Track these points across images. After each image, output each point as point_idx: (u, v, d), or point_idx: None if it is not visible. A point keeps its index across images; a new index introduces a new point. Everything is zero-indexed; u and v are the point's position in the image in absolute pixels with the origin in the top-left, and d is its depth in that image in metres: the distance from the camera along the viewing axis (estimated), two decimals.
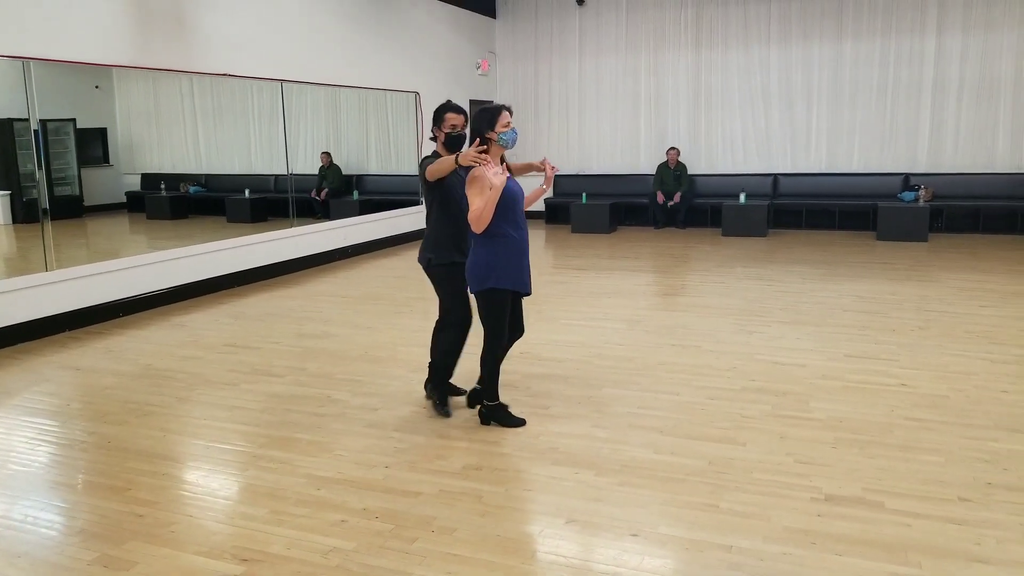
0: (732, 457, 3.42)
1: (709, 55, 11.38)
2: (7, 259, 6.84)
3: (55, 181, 7.94)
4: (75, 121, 7.93)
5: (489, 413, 3.84)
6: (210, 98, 9.00)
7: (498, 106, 3.59)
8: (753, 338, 5.33)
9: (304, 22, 8.40)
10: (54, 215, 7.93)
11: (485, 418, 3.85)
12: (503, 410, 3.85)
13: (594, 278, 7.66)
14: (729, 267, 8.11)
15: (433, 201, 3.83)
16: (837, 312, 6.00)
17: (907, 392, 4.20)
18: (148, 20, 6.50)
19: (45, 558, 2.77)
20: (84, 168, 8.15)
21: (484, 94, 12.19)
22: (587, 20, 11.97)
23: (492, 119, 3.53)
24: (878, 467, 3.29)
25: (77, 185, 8.13)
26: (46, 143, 7.75)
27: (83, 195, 8.18)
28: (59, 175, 8.05)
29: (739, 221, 10.37)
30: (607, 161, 12.18)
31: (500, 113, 3.55)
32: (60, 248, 7.35)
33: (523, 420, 3.85)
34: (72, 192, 8.14)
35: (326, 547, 2.77)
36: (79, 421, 4.09)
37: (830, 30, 10.74)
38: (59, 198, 8.07)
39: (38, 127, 5.92)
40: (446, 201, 3.80)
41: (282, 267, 8.25)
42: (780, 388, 4.30)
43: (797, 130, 11.12)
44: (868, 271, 7.70)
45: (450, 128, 3.78)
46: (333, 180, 9.63)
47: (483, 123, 3.54)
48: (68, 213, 8.11)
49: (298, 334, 5.73)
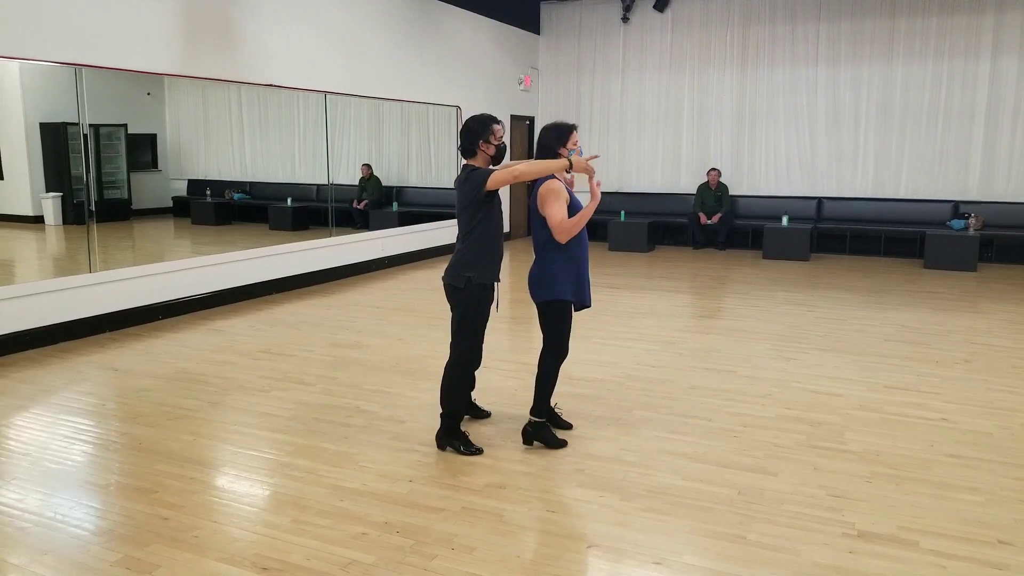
0: (763, 487, 3.33)
1: (755, 74, 11.25)
2: (55, 259, 7.05)
3: (105, 184, 8.19)
4: (126, 127, 8.18)
5: (534, 432, 3.76)
6: (257, 108, 9.21)
7: (570, 124, 3.69)
8: (790, 365, 5.21)
9: (348, 35, 8.54)
10: (103, 218, 8.16)
11: (529, 437, 3.76)
12: (547, 430, 3.77)
13: (629, 297, 7.59)
14: (769, 291, 7.96)
15: (481, 216, 3.61)
16: (879, 341, 5.84)
17: (948, 427, 4.05)
18: (196, 30, 6.67)
19: (71, 557, 2.81)
20: (133, 172, 8.39)
21: (525, 110, 12.24)
22: (631, 38, 11.95)
23: (564, 136, 3.62)
24: (914, 504, 3.17)
25: (126, 189, 8.36)
26: (97, 147, 8.01)
27: (131, 199, 8.42)
28: (109, 179, 8.30)
29: (781, 244, 10.19)
30: (647, 180, 12.10)
31: (572, 131, 3.66)
32: (107, 250, 7.57)
33: (565, 442, 3.77)
34: (121, 195, 8.38)
35: (345, 559, 2.76)
36: (113, 421, 4.16)
37: (880, 52, 10.54)
38: (108, 201, 8.32)
39: (88, 131, 6.10)
40: (493, 217, 3.65)
41: (320, 276, 8.34)
42: (816, 417, 4.19)
43: (844, 153, 10.91)
44: (913, 300, 7.49)
45: (500, 140, 3.67)
46: (373, 191, 9.75)
47: (554, 139, 3.61)
48: (116, 216, 8.34)
49: (331, 343, 5.78)
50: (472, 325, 3.68)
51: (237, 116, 9.31)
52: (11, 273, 6.86)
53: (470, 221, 3.63)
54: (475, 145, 3.64)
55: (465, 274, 3.61)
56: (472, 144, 3.65)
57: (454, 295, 3.69)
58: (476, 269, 3.62)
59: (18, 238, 7.22)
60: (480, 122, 3.67)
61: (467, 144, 3.67)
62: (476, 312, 3.66)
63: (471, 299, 3.64)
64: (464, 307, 3.66)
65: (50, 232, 6.94)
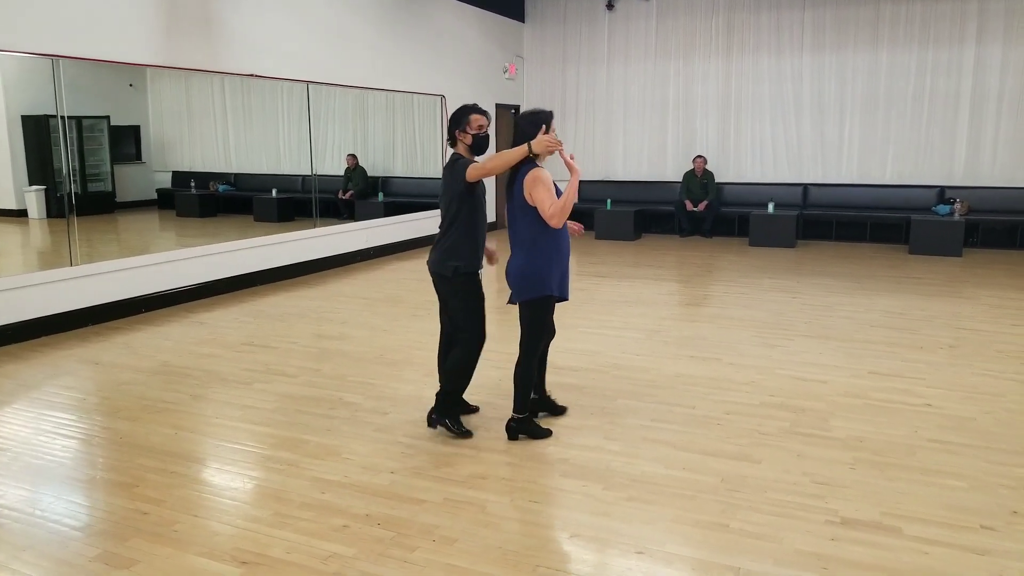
0: (746, 475, 3.33)
1: (740, 62, 11.23)
2: (39, 253, 6.96)
3: (89, 177, 8.08)
4: (109, 118, 8.07)
5: (518, 426, 3.72)
6: (240, 98, 9.10)
7: (549, 112, 3.60)
8: (775, 352, 5.22)
9: (330, 24, 8.45)
10: (87, 210, 8.07)
11: (513, 432, 3.72)
12: (531, 422, 3.76)
13: (615, 286, 7.58)
14: (755, 278, 7.97)
15: (463, 206, 3.62)
16: (864, 327, 5.86)
17: (932, 413, 4.07)
18: (176, 20, 6.57)
19: (50, 553, 2.77)
20: (117, 165, 8.29)
21: (511, 98, 12.17)
22: (616, 25, 11.89)
23: (546, 123, 3.51)
24: (898, 490, 3.18)
25: (110, 181, 8.26)
26: (80, 139, 7.91)
27: (115, 191, 8.32)
28: (92, 171, 8.19)
29: (767, 231, 10.21)
30: (633, 168, 12.08)
31: (549, 119, 3.55)
32: (92, 243, 7.50)
33: (550, 431, 3.77)
34: (105, 188, 8.27)
35: (326, 552, 2.74)
36: (94, 416, 4.12)
37: (865, 39, 10.53)
38: (92, 194, 8.21)
39: (67, 123, 6.00)
40: (477, 207, 3.67)
41: (305, 267, 8.29)
42: (800, 404, 4.20)
43: (829, 140, 10.92)
44: (898, 286, 7.52)
45: (477, 129, 3.68)
46: (358, 182, 9.67)
47: (533, 126, 3.53)
48: (100, 209, 8.24)
49: (315, 334, 5.74)
50: (474, 310, 3.71)
51: (221, 107, 9.20)
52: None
53: (455, 209, 3.65)
54: (454, 134, 3.72)
55: (451, 263, 3.64)
56: (451, 133, 3.73)
57: (442, 284, 3.72)
58: (463, 258, 3.65)
59: (1, 232, 7.12)
60: (459, 111, 3.72)
61: (450, 132, 3.75)
62: (473, 298, 3.71)
63: (462, 288, 3.67)
64: (461, 297, 3.69)
65: (34, 226, 6.85)
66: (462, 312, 3.71)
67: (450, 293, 3.71)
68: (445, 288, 3.73)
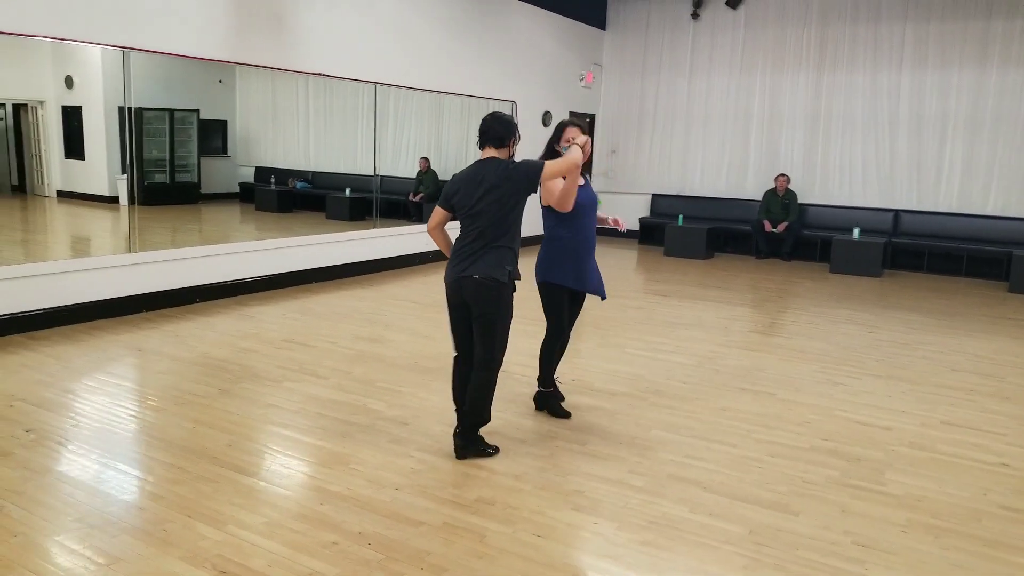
0: (779, 527, 2.99)
1: (832, 76, 10.61)
2: (117, 239, 7.21)
3: (176, 168, 8.36)
4: (199, 112, 8.33)
5: (541, 400, 4.14)
6: (323, 98, 9.24)
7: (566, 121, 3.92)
8: (837, 390, 4.78)
9: (402, 26, 8.43)
10: (174, 200, 8.37)
11: (540, 404, 4.16)
12: (552, 400, 4.12)
13: (675, 306, 7.22)
14: (830, 307, 7.43)
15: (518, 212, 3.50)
16: (943, 370, 5.32)
17: (1007, 474, 3.59)
18: (249, 17, 6.66)
19: (39, 542, 2.74)
20: (204, 157, 8.55)
21: (585, 107, 11.93)
22: (701, 36, 11.47)
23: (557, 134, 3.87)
24: (953, 563, 2.77)
25: (196, 173, 8.53)
26: (171, 131, 8.20)
27: (201, 183, 8.59)
28: (181, 162, 8.47)
29: (850, 258, 9.56)
30: (710, 183, 11.60)
31: (566, 127, 3.84)
32: (179, 231, 7.83)
33: (569, 413, 4.09)
34: (191, 179, 8.54)
35: (308, 570, 2.59)
36: (122, 404, 4.14)
37: (972, 56, 9.75)
38: (179, 184, 8.50)
39: (133, 114, 6.15)
40: None
41: (363, 267, 8.28)
42: (855, 452, 3.79)
43: (926, 164, 10.16)
44: (992, 326, 6.85)
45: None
46: (429, 185, 9.65)
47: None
48: (186, 199, 8.52)
49: (356, 336, 5.66)
50: (507, 325, 3.50)
51: (304, 106, 9.38)
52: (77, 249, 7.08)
53: (518, 213, 3.48)
54: (508, 140, 3.55)
55: (508, 267, 3.44)
56: (507, 138, 3.54)
57: (486, 294, 3.40)
58: (514, 264, 3.49)
59: (92, 217, 7.45)
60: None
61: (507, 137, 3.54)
62: (509, 311, 3.49)
63: (509, 298, 3.47)
64: (505, 306, 3.45)
65: (123, 212, 7.10)
66: (501, 324, 3.45)
67: (494, 304, 3.41)
68: (488, 298, 3.40)
